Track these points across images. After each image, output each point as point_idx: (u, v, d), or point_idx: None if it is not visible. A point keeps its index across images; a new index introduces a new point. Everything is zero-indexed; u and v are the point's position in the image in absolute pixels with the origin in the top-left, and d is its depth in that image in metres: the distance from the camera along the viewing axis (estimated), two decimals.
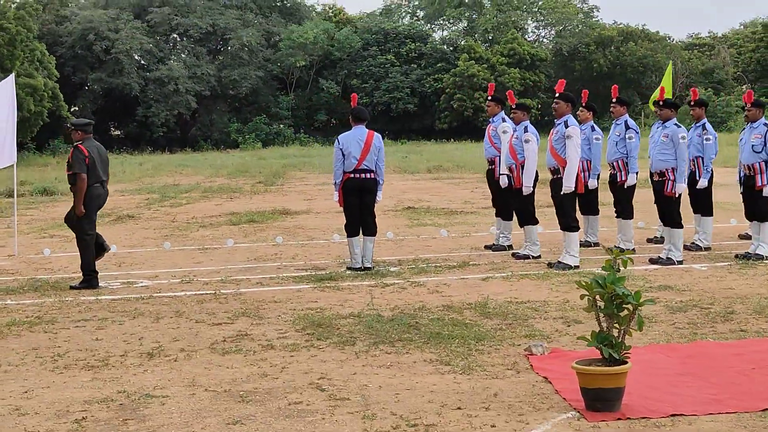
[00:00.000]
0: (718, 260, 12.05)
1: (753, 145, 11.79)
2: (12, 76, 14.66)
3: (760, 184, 11.70)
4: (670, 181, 11.48)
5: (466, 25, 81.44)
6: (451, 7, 79.63)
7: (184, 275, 12.03)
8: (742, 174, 12.10)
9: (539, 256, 12.26)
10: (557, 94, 11.57)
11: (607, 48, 75.04)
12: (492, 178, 13.17)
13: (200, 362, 7.44)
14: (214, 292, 10.74)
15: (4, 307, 10.02)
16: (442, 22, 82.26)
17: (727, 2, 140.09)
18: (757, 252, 11.72)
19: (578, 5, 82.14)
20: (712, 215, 13.00)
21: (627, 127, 12.59)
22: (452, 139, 63.50)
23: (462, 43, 73.53)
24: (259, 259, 13.31)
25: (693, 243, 12.90)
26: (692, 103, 13.22)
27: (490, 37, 77.26)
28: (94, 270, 11.49)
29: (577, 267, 11.25)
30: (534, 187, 12.30)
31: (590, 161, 12.90)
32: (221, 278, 11.70)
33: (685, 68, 78.95)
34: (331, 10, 79.14)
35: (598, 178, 12.91)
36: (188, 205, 22.76)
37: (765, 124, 11.87)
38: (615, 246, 12.64)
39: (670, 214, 11.55)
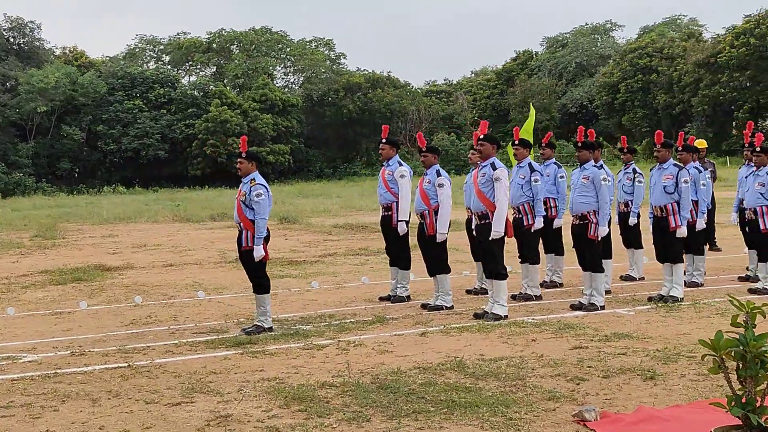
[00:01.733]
0: (633, 303, 11.80)
1: (665, 186, 11.66)
2: None
3: (673, 225, 11.56)
4: (592, 224, 11.09)
5: (214, 70, 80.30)
6: (199, 52, 78.26)
7: (68, 346, 10.41)
8: (651, 215, 11.97)
9: (452, 306, 11.55)
10: (481, 136, 10.96)
11: (356, 94, 76.04)
12: (388, 225, 12.36)
13: None
14: (127, 364, 9.27)
15: None
16: (189, 67, 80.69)
17: (460, 52, 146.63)
18: (671, 294, 11.56)
19: (325, 52, 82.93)
20: (642, 248, 13.52)
21: (532, 170, 12.16)
22: (206, 186, 61.95)
23: (212, 88, 72.21)
24: (136, 323, 11.81)
25: (627, 274, 13.69)
26: (625, 150, 13.68)
27: (240, 83, 76.46)
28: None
29: (506, 317, 10.64)
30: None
31: (555, 199, 12.70)
32: (116, 347, 10.19)
33: (428, 113, 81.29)
34: (71, 54, 75.69)
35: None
36: None
37: (675, 165, 11.77)
38: (520, 292, 12.20)
39: (592, 259, 11.17)
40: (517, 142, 12.74)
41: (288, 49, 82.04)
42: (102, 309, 13.12)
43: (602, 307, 11.17)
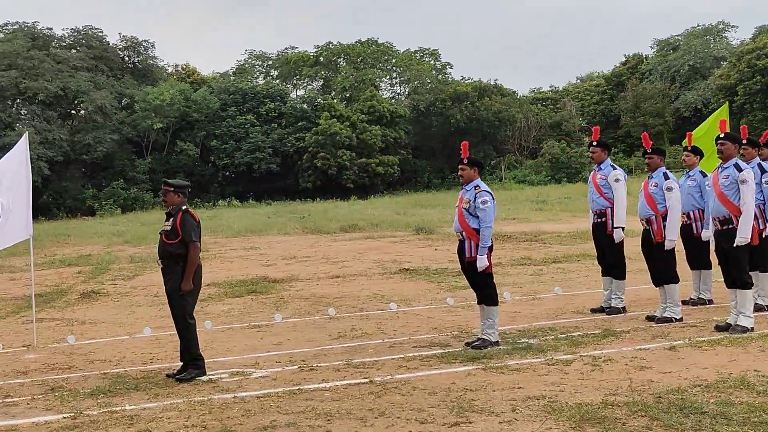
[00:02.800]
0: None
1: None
2: (26, 136, 12.27)
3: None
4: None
5: (322, 84, 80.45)
6: (306, 66, 78.52)
7: (291, 360, 10.04)
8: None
9: (681, 318, 10.86)
10: (722, 135, 10.18)
11: (463, 103, 75.36)
12: (602, 231, 11.72)
13: None
14: (368, 380, 8.82)
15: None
16: (297, 81, 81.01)
17: (562, 60, 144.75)
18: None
19: (431, 62, 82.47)
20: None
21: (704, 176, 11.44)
22: (317, 198, 61.86)
23: (320, 101, 72.28)
24: (345, 336, 11.40)
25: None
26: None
27: (348, 95, 76.42)
28: (200, 355, 9.50)
29: (752, 329, 9.90)
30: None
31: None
32: (342, 361, 9.77)
33: (536, 120, 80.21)
34: (184, 71, 76.63)
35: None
36: (140, 276, 20.33)
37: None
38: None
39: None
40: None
41: (394, 60, 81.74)
42: (299, 321, 12.76)
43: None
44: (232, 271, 20.11)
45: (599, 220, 11.79)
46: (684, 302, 11.80)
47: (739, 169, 10.02)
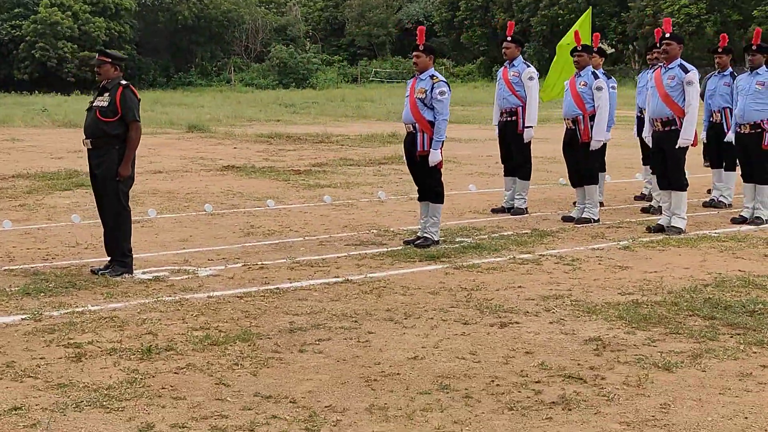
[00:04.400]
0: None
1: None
2: None
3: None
4: (766, 133, 10.63)
5: None
6: None
7: (225, 258, 9.20)
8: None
9: (599, 220, 10.95)
10: (667, 35, 10.19)
11: (191, 0, 72.84)
12: (512, 131, 11.55)
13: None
14: (344, 279, 8.25)
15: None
16: None
17: None
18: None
19: None
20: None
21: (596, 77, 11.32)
22: (36, 91, 57.94)
23: None
24: (253, 234, 10.66)
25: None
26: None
27: None
28: (130, 251, 8.62)
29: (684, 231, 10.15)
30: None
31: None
32: (287, 259, 9.08)
33: (263, 23, 78.99)
34: None
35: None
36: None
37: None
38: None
39: (762, 171, 10.76)
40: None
41: None
42: (178, 217, 11.75)
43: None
44: (22, 163, 18.25)
45: (509, 118, 11.57)
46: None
47: (686, 71, 10.07)
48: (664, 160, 10.20)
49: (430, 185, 9.67)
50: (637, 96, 12.44)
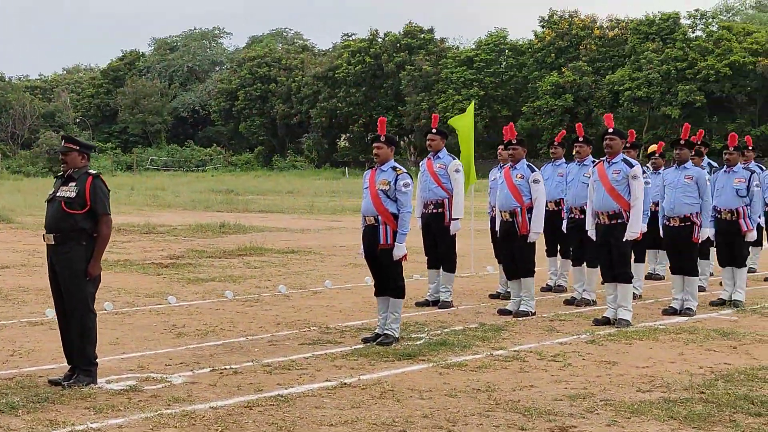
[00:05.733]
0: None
1: (737, 190, 11.60)
2: None
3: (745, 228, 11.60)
4: (696, 226, 10.95)
5: None
6: None
7: (180, 363, 8.42)
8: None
9: (535, 313, 10.90)
10: (610, 130, 10.35)
11: None
12: (439, 223, 11.37)
13: None
14: (340, 383, 7.73)
15: None
16: None
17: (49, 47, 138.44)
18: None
19: None
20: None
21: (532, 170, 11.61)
22: None
23: None
24: (185, 334, 9.85)
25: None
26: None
27: None
28: (96, 358, 7.75)
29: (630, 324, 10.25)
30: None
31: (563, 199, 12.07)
32: (253, 362, 8.43)
33: (31, 109, 76.26)
34: None
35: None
36: None
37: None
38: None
39: (691, 262, 11.07)
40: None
41: None
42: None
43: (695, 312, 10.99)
44: None
45: (435, 210, 11.36)
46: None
47: (630, 165, 10.22)
48: (609, 253, 10.23)
49: (391, 279, 9.26)
50: (489, 193, 12.33)
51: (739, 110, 61.19)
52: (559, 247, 12.43)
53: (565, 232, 11.75)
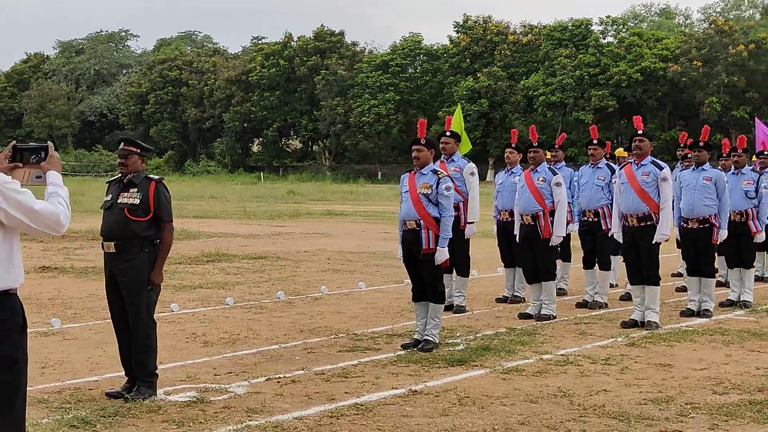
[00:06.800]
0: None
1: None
2: None
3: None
4: (715, 228, 11.01)
5: None
6: None
7: (220, 372, 8.13)
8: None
9: (556, 316, 10.85)
10: (640, 132, 10.35)
11: None
12: (454, 227, 11.19)
13: None
14: (408, 390, 7.52)
15: None
16: None
17: None
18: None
19: None
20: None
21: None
22: None
23: None
24: (211, 343, 9.52)
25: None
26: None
27: None
28: (157, 369, 7.43)
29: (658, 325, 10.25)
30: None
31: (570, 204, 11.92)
32: (303, 370, 8.18)
33: None
34: None
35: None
36: None
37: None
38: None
39: (708, 263, 11.13)
40: (448, 133, 11.61)
41: None
42: (95, 325, 10.26)
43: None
44: None
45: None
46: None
47: (660, 167, 10.22)
48: (637, 255, 10.21)
49: (432, 284, 9.07)
50: (495, 197, 12.20)
51: (649, 115, 62.42)
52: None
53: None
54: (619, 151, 13.85)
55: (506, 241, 11.92)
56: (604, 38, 67.42)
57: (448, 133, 11.35)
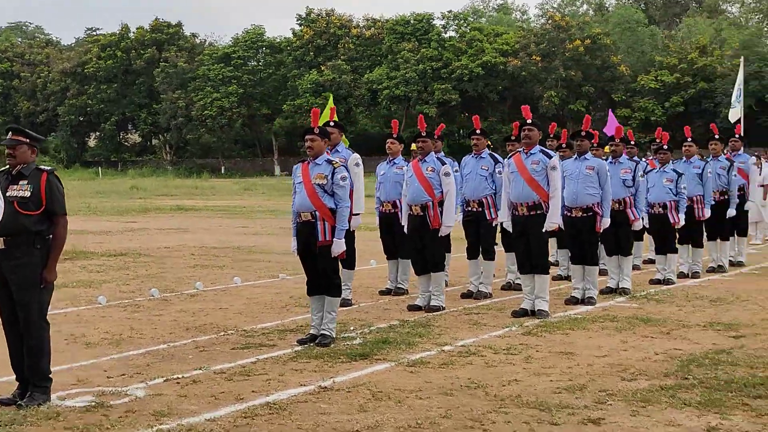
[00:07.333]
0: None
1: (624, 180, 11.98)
2: None
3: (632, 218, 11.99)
4: (599, 217, 11.11)
5: None
6: None
7: (112, 373, 7.72)
8: None
9: (445, 307, 10.79)
10: (529, 121, 10.31)
11: None
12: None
13: None
14: (317, 387, 7.31)
15: None
16: None
17: None
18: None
19: None
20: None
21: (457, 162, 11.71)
22: None
23: None
24: (93, 343, 9.05)
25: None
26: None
27: None
28: (50, 373, 6.94)
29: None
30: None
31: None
32: (201, 370, 7.86)
33: None
34: None
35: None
36: None
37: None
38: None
39: (593, 251, 11.27)
40: (332, 123, 11.28)
41: None
42: None
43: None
44: None
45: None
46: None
47: (549, 156, 10.24)
48: (527, 245, 10.22)
49: (329, 277, 8.83)
50: (377, 188, 11.97)
51: (490, 108, 63.67)
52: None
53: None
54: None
55: (389, 233, 11.75)
56: (446, 33, 68.31)
57: (332, 123, 11.06)
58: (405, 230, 10.77)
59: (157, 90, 70.14)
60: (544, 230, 10.14)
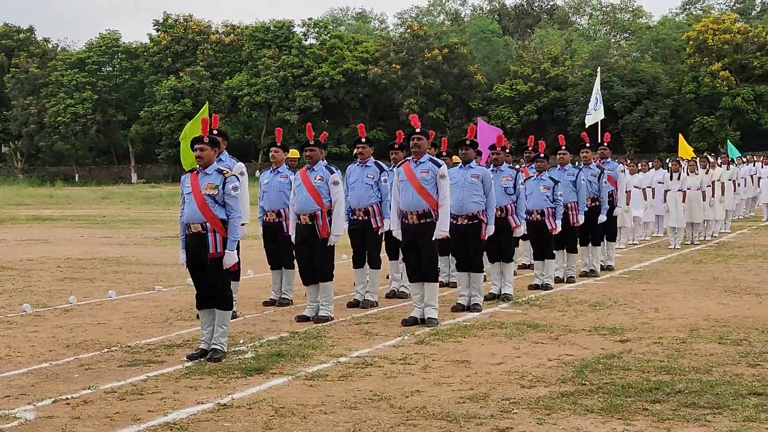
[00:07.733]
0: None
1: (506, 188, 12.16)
2: None
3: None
4: (484, 224, 11.16)
5: None
6: None
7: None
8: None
9: (333, 317, 10.72)
10: (418, 130, 10.32)
11: None
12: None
13: None
14: (216, 404, 7.14)
15: None
16: None
17: None
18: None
19: None
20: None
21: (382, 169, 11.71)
22: None
23: None
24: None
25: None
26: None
27: None
28: None
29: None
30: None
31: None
32: (90, 389, 7.60)
33: None
34: None
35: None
36: None
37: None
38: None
39: (478, 258, 11.35)
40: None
41: None
42: None
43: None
44: None
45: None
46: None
47: (438, 165, 10.24)
48: (417, 253, 10.21)
49: (220, 290, 8.62)
50: (260, 197, 11.72)
51: (351, 115, 63.88)
52: None
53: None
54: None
55: (273, 243, 11.58)
56: (307, 40, 68.16)
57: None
58: (292, 239, 10.59)
59: (8, 96, 67.66)
60: (433, 238, 10.11)
